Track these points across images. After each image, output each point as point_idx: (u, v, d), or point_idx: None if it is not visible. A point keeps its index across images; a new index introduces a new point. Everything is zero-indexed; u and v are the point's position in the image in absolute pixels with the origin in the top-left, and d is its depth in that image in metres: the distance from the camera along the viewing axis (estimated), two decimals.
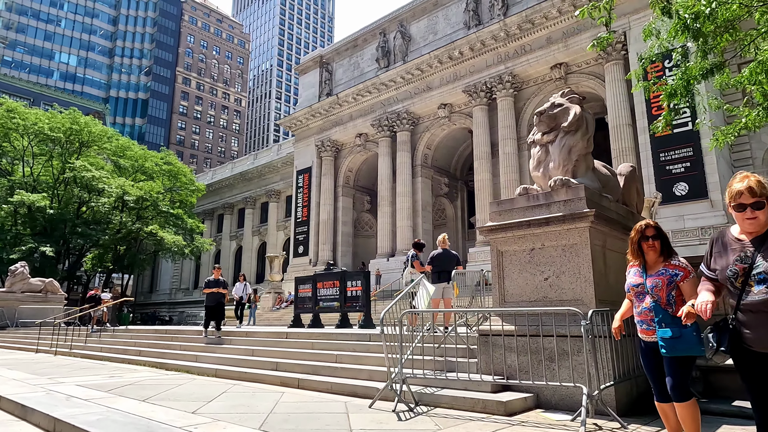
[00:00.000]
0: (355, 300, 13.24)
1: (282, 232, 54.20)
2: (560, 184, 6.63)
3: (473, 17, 32.80)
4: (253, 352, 10.04)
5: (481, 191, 30.89)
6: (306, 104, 43.12)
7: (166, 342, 13.19)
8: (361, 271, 13.69)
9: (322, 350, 9.07)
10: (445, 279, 10.39)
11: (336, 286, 13.65)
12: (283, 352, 9.50)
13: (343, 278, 13.69)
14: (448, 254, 10.67)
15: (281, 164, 54.11)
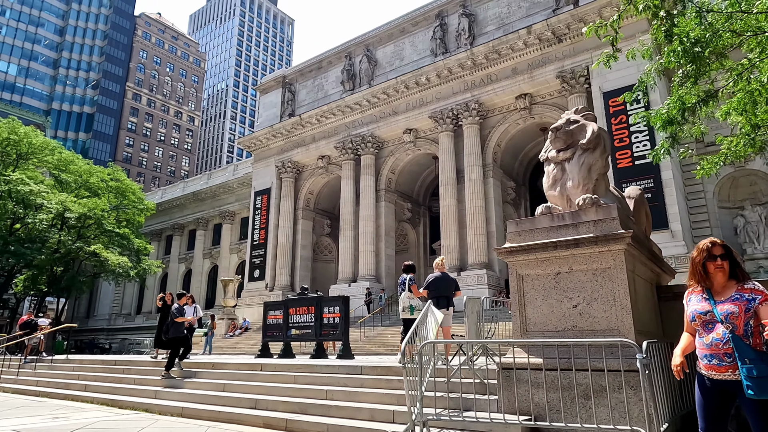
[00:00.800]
0: (333, 327, 12.26)
1: (236, 255, 52.08)
2: (590, 203, 6.15)
3: (440, 45, 33.17)
4: (224, 387, 8.89)
5: (446, 217, 30.68)
6: (267, 124, 42.06)
7: (117, 374, 11.69)
8: (339, 296, 12.76)
9: (308, 385, 8.08)
10: (443, 305, 9.63)
11: (311, 313, 12.65)
12: (260, 387, 8.42)
13: (319, 304, 12.70)
14: (446, 278, 10.04)
15: (237, 185, 52.34)
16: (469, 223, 29.52)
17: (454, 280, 10.29)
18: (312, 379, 8.31)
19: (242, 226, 52.76)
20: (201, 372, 10.09)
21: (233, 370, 10.00)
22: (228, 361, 11.79)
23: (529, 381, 5.86)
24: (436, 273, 10.18)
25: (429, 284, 9.83)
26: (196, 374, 10.08)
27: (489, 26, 31.87)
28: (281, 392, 7.96)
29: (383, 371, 7.86)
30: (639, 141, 24.69)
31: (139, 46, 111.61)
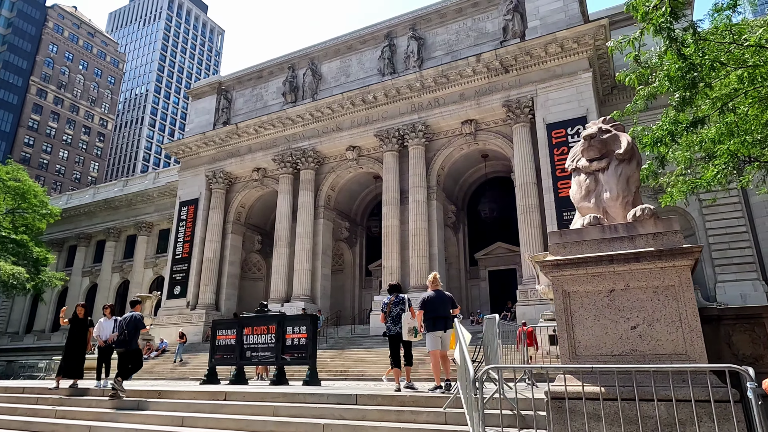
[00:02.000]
0: (298, 350, 10.90)
1: (151, 269, 47.98)
2: (648, 214, 5.67)
3: (388, 65, 33.06)
4: (183, 421, 7.32)
5: (388, 237, 30.05)
6: (198, 131, 39.52)
7: (28, 405, 9.50)
8: (306, 314, 11.41)
9: (294, 418, 6.79)
10: (440, 326, 8.90)
11: (271, 333, 11.21)
12: (232, 421, 6.97)
13: (281, 323, 11.30)
14: (442, 296, 9.20)
15: (158, 194, 48.57)
16: (412, 244, 29.08)
17: (451, 296, 9.40)
18: (297, 411, 7.02)
19: (160, 239, 48.89)
20: (148, 402, 8.28)
21: (189, 400, 8.31)
22: (177, 388, 9.97)
23: (584, 413, 5.14)
24: (430, 291, 9.36)
25: (425, 304, 9.00)
26: (142, 404, 8.28)
27: (437, 51, 32.26)
28: (262, 428, 6.62)
29: (385, 401, 6.78)
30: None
31: (49, 39, 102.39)
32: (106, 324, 11.97)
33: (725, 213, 27.37)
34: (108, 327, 11.85)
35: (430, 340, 9.01)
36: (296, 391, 7.96)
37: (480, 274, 34.49)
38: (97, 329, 11.86)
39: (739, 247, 26.64)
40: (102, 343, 11.69)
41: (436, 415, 5.94)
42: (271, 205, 40.26)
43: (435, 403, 6.39)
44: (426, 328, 9.11)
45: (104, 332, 11.80)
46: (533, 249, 25.83)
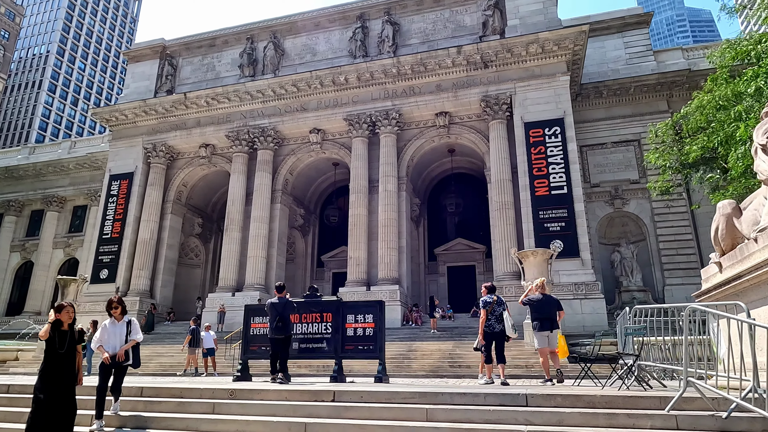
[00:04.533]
0: (364, 341, 9.42)
1: (62, 250, 42.44)
2: None
3: (360, 48, 31.62)
4: (306, 428, 5.61)
5: (356, 227, 28.67)
6: (136, 97, 35.33)
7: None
8: (374, 301, 9.93)
9: (463, 424, 5.45)
10: (547, 327, 10.16)
11: (327, 321, 9.60)
12: (379, 428, 5.45)
13: (340, 309, 9.71)
14: (549, 300, 10.36)
15: (74, 165, 43.04)
16: (381, 235, 27.95)
17: (557, 300, 10.56)
18: (460, 415, 5.69)
19: (75, 217, 43.50)
20: (225, 404, 6.30)
21: (279, 401, 6.48)
22: (247, 386, 7.92)
23: None
24: (537, 294, 10.52)
25: (534, 305, 10.14)
26: (223, 408, 6.29)
27: (413, 39, 31.40)
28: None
29: (567, 401, 5.63)
30: (556, 172, 26.06)
31: None
32: (115, 330, 7.69)
33: (674, 221, 29.28)
34: (118, 334, 7.64)
35: (538, 339, 10.35)
36: (430, 391, 6.57)
37: (439, 269, 34.19)
38: (99, 338, 7.75)
39: (686, 253, 28.61)
40: (108, 360, 7.41)
41: (664, 419, 5.02)
42: (215, 185, 37.20)
43: (638, 404, 5.48)
44: (534, 328, 10.46)
45: (110, 341, 7.63)
46: (507, 245, 25.83)
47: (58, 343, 6.52)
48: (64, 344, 6.56)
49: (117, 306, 7.99)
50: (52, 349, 6.52)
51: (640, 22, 33.19)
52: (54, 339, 6.52)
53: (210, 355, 20.05)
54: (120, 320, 7.89)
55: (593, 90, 31.31)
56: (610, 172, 30.93)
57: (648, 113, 31.08)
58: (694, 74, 30.33)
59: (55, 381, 6.35)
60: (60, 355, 6.51)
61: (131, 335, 7.67)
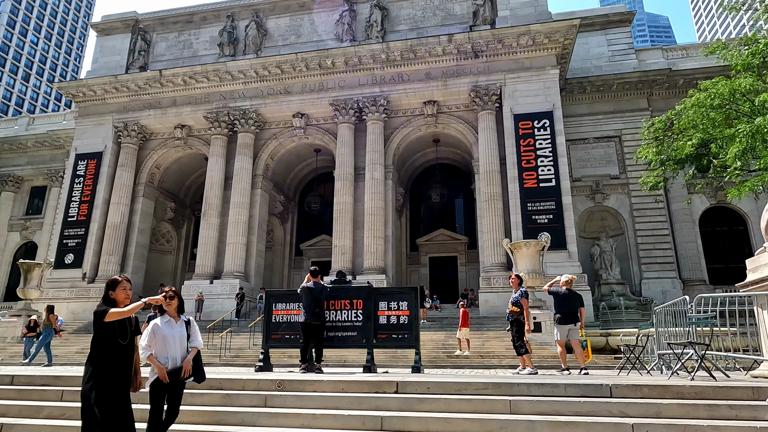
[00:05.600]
0: (399, 330, 8.94)
1: (18, 233, 39.97)
2: None
3: (348, 31, 30.82)
4: (383, 423, 5.08)
5: (341, 215, 28.04)
6: (105, 72, 33.32)
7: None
8: (409, 287, 9.43)
9: (551, 416, 5.05)
10: (571, 320, 10.50)
11: (357, 308, 9.06)
12: (466, 422, 4.98)
13: (371, 296, 9.18)
14: (575, 295, 10.70)
15: (33, 143, 40.46)
16: (368, 224, 27.45)
17: (581, 297, 10.90)
18: (548, 407, 5.32)
19: (33, 198, 41.02)
20: (278, 396, 5.59)
21: (335, 393, 5.91)
22: (300, 377, 7.19)
23: None
24: (563, 289, 10.71)
25: (560, 299, 10.43)
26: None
27: (401, 25, 30.84)
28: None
29: (654, 392, 5.36)
30: (545, 165, 26.19)
31: None
32: (173, 332, 5.34)
33: (652, 217, 30.05)
34: (177, 338, 5.34)
35: (559, 331, 10.55)
36: (503, 381, 6.19)
37: (421, 259, 33.99)
38: (149, 342, 5.25)
39: (662, 248, 29.43)
40: (166, 376, 5.11)
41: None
42: (190, 169, 35.75)
43: (730, 395, 5.28)
44: (557, 320, 10.66)
45: (169, 349, 5.27)
46: (495, 236, 25.86)
47: (119, 332, 4.71)
48: (127, 334, 4.80)
49: (173, 296, 5.44)
50: (112, 339, 4.69)
51: (622, 20, 33.74)
52: (114, 326, 4.70)
53: None
54: (177, 319, 5.43)
55: (577, 85, 31.63)
56: (592, 167, 31.40)
57: (629, 110, 31.74)
58: (674, 74, 31.10)
59: (118, 385, 4.65)
60: (122, 349, 4.75)
61: (192, 341, 5.39)
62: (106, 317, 4.67)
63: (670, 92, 31.64)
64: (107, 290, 4.98)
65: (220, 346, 21.44)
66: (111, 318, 4.67)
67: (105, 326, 4.73)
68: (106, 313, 4.68)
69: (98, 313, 4.73)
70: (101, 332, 4.76)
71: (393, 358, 17.48)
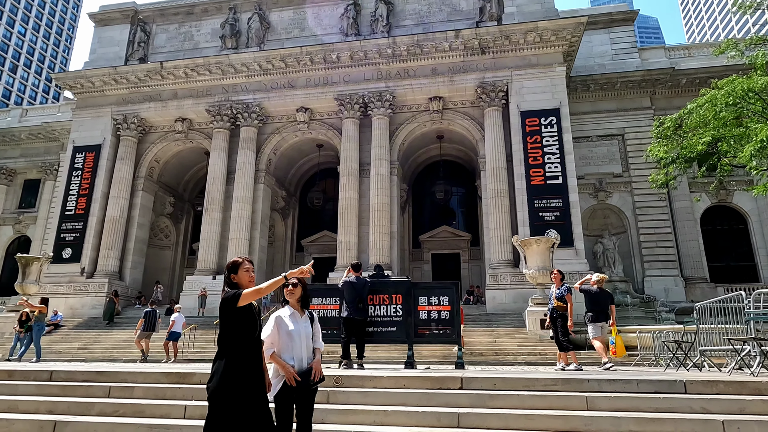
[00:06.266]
0: (440, 325, 8.78)
1: (11, 227, 39.26)
2: None
3: (352, 25, 30.51)
4: (459, 419, 4.83)
5: (346, 210, 27.79)
6: (104, 64, 32.68)
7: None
8: (450, 282, 9.27)
9: (626, 413, 4.89)
10: (602, 318, 10.70)
11: (396, 303, 8.88)
12: (546, 419, 4.80)
13: (411, 290, 9.00)
14: (605, 294, 11.02)
15: (27, 136, 39.65)
16: (373, 220, 27.24)
17: (612, 295, 11.37)
18: (628, 404, 5.15)
19: (26, 191, 40.27)
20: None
21: (390, 388, 5.71)
22: (375, 373, 6.94)
23: None
24: (595, 288, 10.91)
25: (592, 298, 10.63)
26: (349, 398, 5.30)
27: (407, 20, 30.63)
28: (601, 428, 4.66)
29: (731, 388, 5.28)
30: (551, 162, 26.18)
31: None
32: (299, 328, 4.63)
33: (654, 215, 30.23)
34: (303, 335, 4.65)
35: (593, 329, 10.71)
36: (572, 377, 6.04)
37: (423, 256, 33.87)
38: (271, 339, 4.52)
39: (665, 246, 29.62)
40: (293, 379, 4.37)
41: None
42: (189, 163, 35.29)
43: None
44: (589, 319, 10.86)
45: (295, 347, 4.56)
46: (502, 233, 25.84)
47: (249, 323, 3.99)
48: (256, 325, 4.07)
49: (296, 284, 4.68)
50: (247, 329, 3.97)
51: (626, 18, 33.84)
52: (248, 313, 3.98)
53: (174, 340, 18.25)
54: (302, 313, 4.67)
55: (581, 83, 31.68)
56: (595, 165, 31.49)
57: (632, 109, 31.89)
58: (677, 73, 31.28)
59: (257, 387, 3.92)
60: (254, 342, 4.02)
61: (315, 341, 4.65)
62: (239, 301, 3.86)
63: (672, 91, 31.85)
64: (229, 274, 4.19)
65: None
66: (245, 301, 3.88)
67: (238, 313, 3.93)
68: (239, 296, 3.87)
69: (228, 299, 3.94)
70: (234, 321, 3.97)
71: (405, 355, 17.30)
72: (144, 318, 18.37)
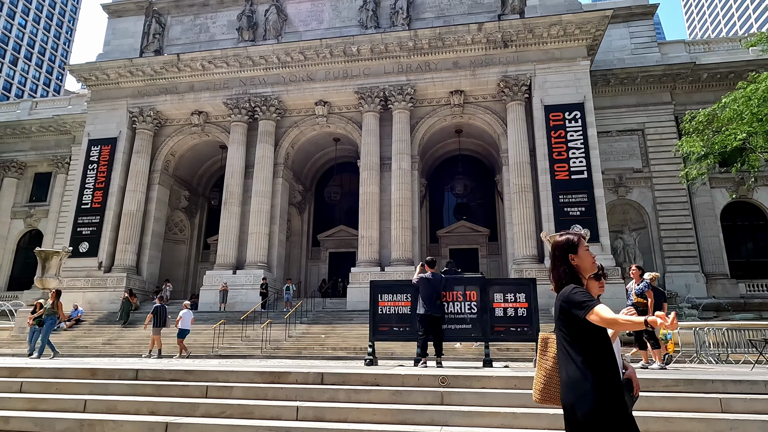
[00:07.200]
0: (517, 323, 8.58)
1: (22, 221, 38.83)
2: None
3: (372, 18, 30.15)
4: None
5: (368, 205, 27.54)
6: (119, 56, 32.26)
7: None
8: (526, 279, 9.03)
9: None
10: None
11: (471, 300, 8.68)
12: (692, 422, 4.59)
13: (485, 287, 8.80)
14: (658, 291, 10.75)
15: (37, 128, 39.21)
16: (395, 215, 27.02)
17: (663, 292, 11.37)
18: (759, 406, 4.99)
19: (36, 185, 39.90)
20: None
21: (498, 389, 5.50)
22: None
23: None
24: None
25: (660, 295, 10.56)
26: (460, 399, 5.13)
27: (427, 13, 30.28)
28: None
29: None
30: (576, 157, 25.98)
31: None
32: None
33: (675, 210, 30.09)
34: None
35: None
36: (695, 378, 5.82)
37: (441, 251, 33.66)
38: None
39: (686, 242, 29.50)
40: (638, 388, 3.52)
41: None
42: (203, 157, 34.97)
43: None
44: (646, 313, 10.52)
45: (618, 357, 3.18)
46: (526, 228, 25.69)
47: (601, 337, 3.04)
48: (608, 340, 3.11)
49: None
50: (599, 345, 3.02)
51: (645, 12, 33.56)
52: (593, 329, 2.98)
53: (181, 337, 17.91)
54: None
55: (601, 78, 31.42)
56: (615, 160, 31.28)
57: (652, 104, 31.68)
58: (698, 68, 31.06)
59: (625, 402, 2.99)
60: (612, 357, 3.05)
61: None
62: (588, 315, 2.90)
63: (693, 86, 31.65)
64: (565, 254, 3.22)
65: (253, 338, 20.99)
66: (595, 320, 2.89)
67: (587, 326, 2.98)
68: (588, 309, 2.91)
69: (574, 304, 2.99)
70: (584, 333, 3.01)
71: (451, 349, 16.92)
72: (153, 314, 18.07)
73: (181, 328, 17.94)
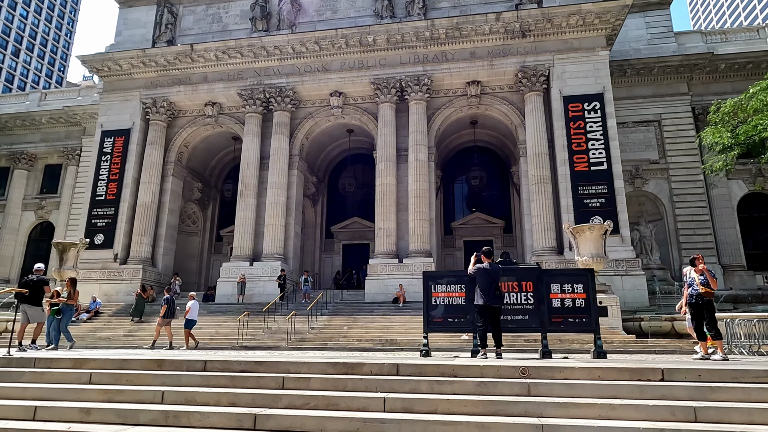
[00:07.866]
0: (575, 314, 8.49)
1: (33, 213, 38.75)
2: None
3: (387, 8, 29.83)
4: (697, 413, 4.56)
5: (385, 197, 27.41)
6: (131, 46, 31.98)
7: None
8: (583, 269, 8.97)
9: None
10: None
11: (527, 290, 8.60)
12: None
13: (542, 277, 8.71)
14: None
15: (47, 120, 39.03)
16: (412, 206, 26.89)
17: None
18: None
19: (47, 176, 39.79)
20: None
21: (581, 380, 5.45)
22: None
23: None
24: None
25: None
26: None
27: (443, 3, 29.96)
28: None
29: None
30: (596, 148, 25.81)
31: None
32: None
33: (692, 202, 29.98)
34: None
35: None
36: None
37: (455, 243, 33.62)
38: None
39: (703, 233, 29.43)
40: None
41: None
42: (215, 148, 34.84)
43: None
44: None
45: None
46: (545, 220, 25.59)
47: None
48: None
49: None
50: None
51: (661, 2, 33.23)
52: None
53: (188, 327, 17.86)
54: None
55: (617, 68, 31.15)
56: (631, 151, 31.10)
57: (668, 95, 31.48)
58: (716, 58, 30.82)
59: None
60: None
61: None
62: None
63: (710, 77, 31.43)
64: None
65: (275, 329, 20.97)
66: None
67: None
68: None
69: None
70: None
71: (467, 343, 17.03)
72: (166, 304, 18.02)
73: (188, 318, 17.92)
